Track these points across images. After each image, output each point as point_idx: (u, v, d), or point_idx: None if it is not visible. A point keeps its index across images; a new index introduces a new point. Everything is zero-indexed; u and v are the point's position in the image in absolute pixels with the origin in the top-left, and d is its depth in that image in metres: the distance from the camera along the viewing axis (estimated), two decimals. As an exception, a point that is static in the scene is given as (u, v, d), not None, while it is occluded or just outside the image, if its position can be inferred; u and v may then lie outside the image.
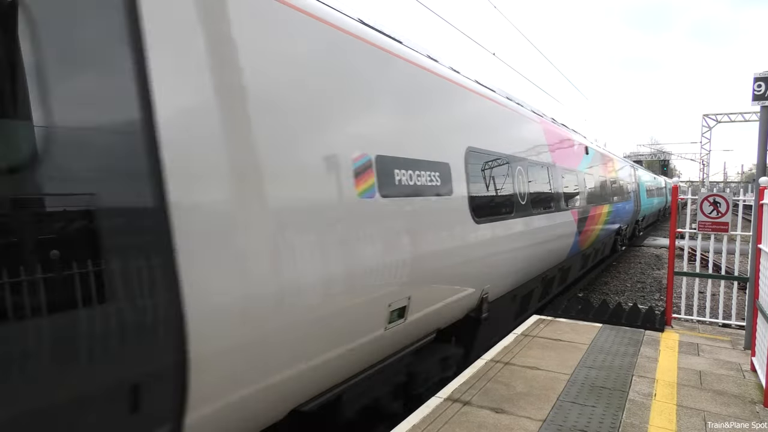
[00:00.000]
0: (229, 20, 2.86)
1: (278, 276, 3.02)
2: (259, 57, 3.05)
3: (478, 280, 5.94)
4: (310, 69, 3.53)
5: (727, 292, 9.97)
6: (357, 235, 3.71)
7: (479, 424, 3.94)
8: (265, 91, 3.05)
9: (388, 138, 4.25)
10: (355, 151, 3.77)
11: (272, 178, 3.03)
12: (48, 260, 2.01)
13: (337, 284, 3.50)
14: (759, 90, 5.73)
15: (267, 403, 3.19)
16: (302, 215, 3.25)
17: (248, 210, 2.86)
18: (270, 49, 3.16)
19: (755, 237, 5.66)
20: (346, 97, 3.85)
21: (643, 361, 5.45)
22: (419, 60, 5.09)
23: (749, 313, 5.78)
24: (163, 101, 2.44)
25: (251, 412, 3.08)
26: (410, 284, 4.39)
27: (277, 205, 3.05)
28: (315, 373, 3.53)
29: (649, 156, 71.18)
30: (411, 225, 4.39)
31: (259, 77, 3.02)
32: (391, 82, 4.51)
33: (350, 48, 3.98)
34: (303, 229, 3.24)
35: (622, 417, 4.11)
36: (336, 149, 3.59)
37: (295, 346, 3.26)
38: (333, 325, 3.57)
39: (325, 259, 3.40)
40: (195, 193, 2.58)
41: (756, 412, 4.28)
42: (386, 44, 4.54)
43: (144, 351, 2.33)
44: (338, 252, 3.52)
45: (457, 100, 5.82)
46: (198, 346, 2.51)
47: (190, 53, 2.63)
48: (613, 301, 12.35)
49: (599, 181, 13.74)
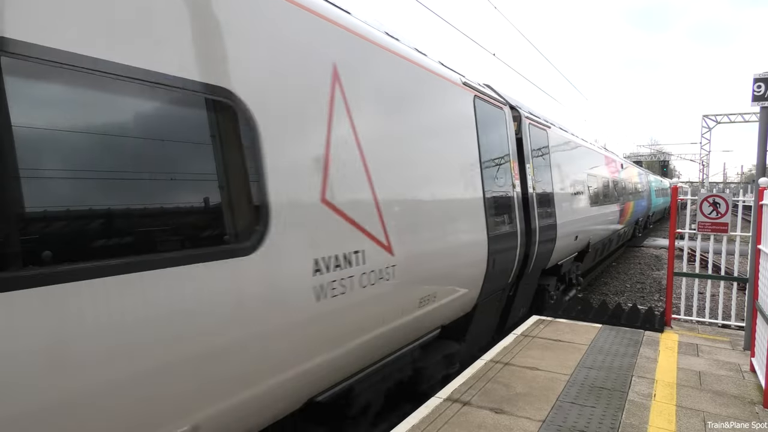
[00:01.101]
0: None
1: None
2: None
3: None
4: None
5: (727, 293, 9.99)
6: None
7: (479, 424, 3.94)
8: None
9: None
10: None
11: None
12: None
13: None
14: (759, 91, 5.74)
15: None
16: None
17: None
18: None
19: (755, 238, 5.66)
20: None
21: (643, 361, 5.46)
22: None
23: (749, 314, 5.78)
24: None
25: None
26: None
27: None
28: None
29: (648, 156, 71.20)
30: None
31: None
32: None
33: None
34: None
35: (621, 417, 4.11)
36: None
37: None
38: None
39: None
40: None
41: (755, 412, 4.28)
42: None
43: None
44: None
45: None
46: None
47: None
48: (612, 301, 12.35)
49: (630, 186, 20.86)
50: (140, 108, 2.39)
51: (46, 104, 2.09)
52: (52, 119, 2.08)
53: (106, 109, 2.27)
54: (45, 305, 1.93)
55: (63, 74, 2.07)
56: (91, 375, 2.09)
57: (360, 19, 4.09)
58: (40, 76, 2.02)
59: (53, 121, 2.08)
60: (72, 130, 2.15)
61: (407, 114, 4.45)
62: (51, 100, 2.10)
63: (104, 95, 2.23)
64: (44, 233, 2.02)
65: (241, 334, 2.75)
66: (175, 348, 2.40)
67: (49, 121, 2.07)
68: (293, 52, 3.22)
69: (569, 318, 7.20)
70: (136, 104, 2.36)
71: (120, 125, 2.31)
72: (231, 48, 2.76)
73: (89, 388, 2.08)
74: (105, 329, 2.12)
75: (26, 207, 1.97)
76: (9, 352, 1.84)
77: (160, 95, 2.42)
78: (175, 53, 2.47)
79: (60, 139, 2.10)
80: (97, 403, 2.13)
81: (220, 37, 2.71)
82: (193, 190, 2.58)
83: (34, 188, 2.00)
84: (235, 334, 2.71)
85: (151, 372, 2.30)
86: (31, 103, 2.03)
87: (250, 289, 2.78)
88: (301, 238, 3.13)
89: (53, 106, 2.10)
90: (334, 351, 3.52)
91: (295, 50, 3.23)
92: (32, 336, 1.90)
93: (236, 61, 2.78)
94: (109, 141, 2.27)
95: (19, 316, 1.86)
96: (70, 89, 2.11)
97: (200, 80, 2.57)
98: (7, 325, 1.84)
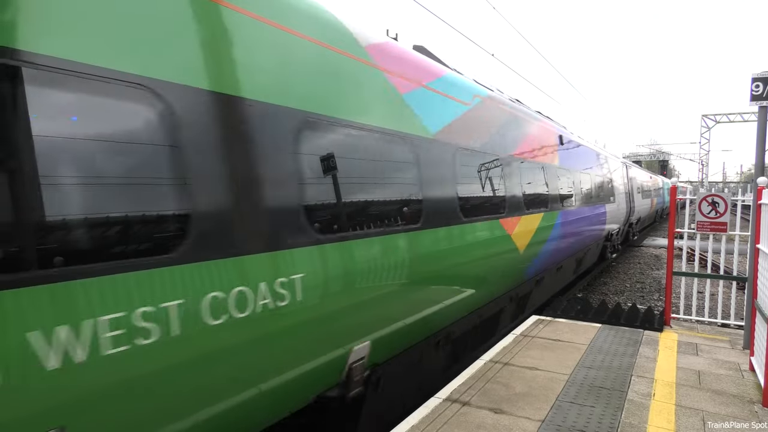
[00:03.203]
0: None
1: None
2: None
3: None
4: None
5: (726, 292, 9.99)
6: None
7: (478, 424, 3.94)
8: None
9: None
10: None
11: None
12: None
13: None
14: (757, 90, 5.74)
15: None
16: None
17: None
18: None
19: (754, 237, 5.67)
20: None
21: (642, 361, 5.46)
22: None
23: (748, 313, 5.78)
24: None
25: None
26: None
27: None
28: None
29: (648, 156, 71.30)
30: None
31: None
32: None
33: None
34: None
35: (621, 417, 4.11)
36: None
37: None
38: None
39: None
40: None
41: (755, 411, 4.28)
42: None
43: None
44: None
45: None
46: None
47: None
48: (612, 301, 12.36)
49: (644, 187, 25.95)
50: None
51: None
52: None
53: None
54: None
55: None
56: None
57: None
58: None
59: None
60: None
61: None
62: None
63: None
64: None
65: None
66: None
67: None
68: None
69: (569, 318, 7.20)
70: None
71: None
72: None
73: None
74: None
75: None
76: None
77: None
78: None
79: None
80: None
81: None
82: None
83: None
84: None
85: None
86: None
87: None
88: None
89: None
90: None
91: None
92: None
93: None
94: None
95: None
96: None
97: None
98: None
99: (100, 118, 2.24)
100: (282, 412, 3.33)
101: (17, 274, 1.88)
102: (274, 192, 3.04)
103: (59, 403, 1.99)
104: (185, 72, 2.57)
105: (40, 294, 1.92)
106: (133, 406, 2.28)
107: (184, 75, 2.57)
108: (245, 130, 2.89)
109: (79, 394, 2.05)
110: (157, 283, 2.31)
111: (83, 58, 2.16)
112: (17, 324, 1.86)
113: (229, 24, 2.86)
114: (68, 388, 2.00)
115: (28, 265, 1.92)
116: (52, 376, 1.93)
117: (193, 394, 2.56)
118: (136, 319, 2.21)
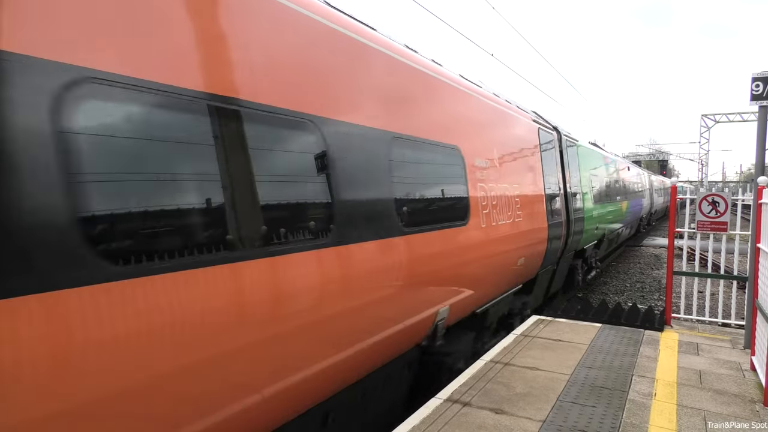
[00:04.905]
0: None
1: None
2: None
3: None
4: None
5: (727, 292, 9.98)
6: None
7: (479, 425, 3.93)
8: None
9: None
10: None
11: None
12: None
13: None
14: (757, 90, 5.73)
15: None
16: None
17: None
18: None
19: (754, 236, 5.66)
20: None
21: (643, 360, 5.45)
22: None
23: (748, 313, 5.78)
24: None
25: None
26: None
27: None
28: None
29: (647, 156, 71.27)
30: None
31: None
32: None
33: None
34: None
35: (622, 417, 4.11)
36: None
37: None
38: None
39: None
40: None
41: (756, 411, 4.27)
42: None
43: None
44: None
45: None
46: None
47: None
48: (612, 301, 12.36)
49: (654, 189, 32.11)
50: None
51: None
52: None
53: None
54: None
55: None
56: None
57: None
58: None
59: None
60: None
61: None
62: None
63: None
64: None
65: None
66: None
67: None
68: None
69: (569, 318, 7.20)
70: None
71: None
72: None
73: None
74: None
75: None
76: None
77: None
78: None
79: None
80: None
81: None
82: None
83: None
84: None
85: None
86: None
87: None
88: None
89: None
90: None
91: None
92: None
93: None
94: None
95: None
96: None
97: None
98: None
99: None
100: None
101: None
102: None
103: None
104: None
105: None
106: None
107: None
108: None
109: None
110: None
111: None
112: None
113: None
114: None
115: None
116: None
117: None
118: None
